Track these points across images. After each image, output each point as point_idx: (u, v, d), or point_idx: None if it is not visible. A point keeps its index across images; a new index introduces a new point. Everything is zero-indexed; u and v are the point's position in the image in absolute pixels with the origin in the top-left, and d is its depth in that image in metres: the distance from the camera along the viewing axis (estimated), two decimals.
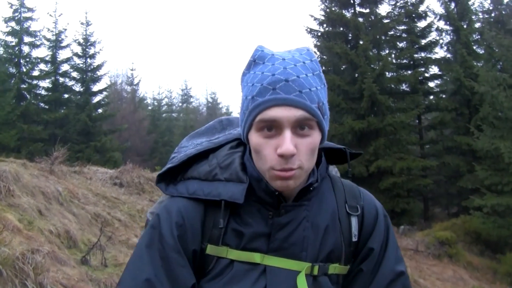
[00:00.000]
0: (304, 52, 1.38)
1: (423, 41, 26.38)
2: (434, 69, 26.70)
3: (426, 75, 26.60)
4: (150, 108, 52.24)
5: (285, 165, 1.28)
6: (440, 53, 26.88)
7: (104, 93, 34.15)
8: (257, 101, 1.28)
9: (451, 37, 26.02)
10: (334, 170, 1.72)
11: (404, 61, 26.62)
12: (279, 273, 1.34)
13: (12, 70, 30.17)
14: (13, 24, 29.99)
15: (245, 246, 1.36)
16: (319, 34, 26.24)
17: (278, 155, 1.27)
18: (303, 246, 1.38)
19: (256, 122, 1.30)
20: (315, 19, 25.90)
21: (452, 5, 26.03)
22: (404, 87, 25.88)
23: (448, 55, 26.34)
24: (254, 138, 1.32)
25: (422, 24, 26.57)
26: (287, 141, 1.25)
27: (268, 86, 1.27)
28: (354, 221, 1.48)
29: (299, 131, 1.29)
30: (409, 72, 25.67)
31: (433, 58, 26.30)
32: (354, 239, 1.47)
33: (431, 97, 27.04)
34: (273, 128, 1.28)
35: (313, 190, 1.43)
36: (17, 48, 30.01)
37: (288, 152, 1.25)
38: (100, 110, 32.91)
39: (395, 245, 1.51)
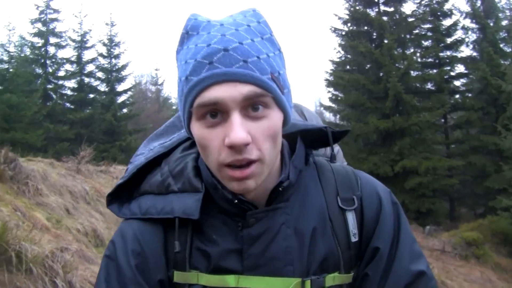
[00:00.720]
0: (249, 13, 1.10)
1: (449, 40, 26.07)
2: (460, 68, 26.43)
3: (452, 73, 26.30)
4: (174, 108, 52.44)
5: (238, 156, 1.01)
6: (466, 51, 26.56)
7: (129, 93, 34.41)
8: (192, 81, 1.01)
9: (477, 35, 25.65)
10: (335, 150, 1.36)
11: (430, 59, 26.37)
12: None
13: (39, 70, 30.66)
14: (39, 25, 30.43)
15: (215, 268, 1.13)
16: (344, 33, 26.14)
17: (227, 147, 1.01)
18: (286, 259, 1.13)
19: (195, 108, 1.03)
20: (340, 18, 25.83)
21: (478, 2, 25.69)
22: (429, 86, 25.69)
23: (474, 54, 25.97)
24: (196, 129, 1.06)
25: (447, 22, 26.32)
26: (236, 127, 0.98)
27: (203, 60, 1.00)
28: (350, 217, 1.20)
29: (252, 113, 1.01)
30: (435, 71, 25.43)
31: (459, 56, 26.04)
32: (354, 239, 1.19)
33: (457, 96, 26.78)
34: (217, 113, 1.01)
35: (287, 189, 1.16)
36: (43, 49, 30.46)
37: (239, 141, 0.98)
38: (125, 110, 33.14)
39: (410, 238, 1.21)
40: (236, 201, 1.11)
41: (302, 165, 1.24)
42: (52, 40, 30.69)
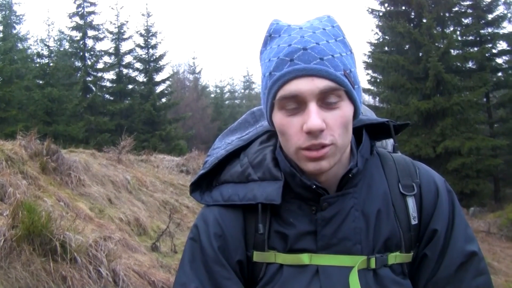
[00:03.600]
0: (324, 19, 1.24)
1: (490, 16, 25.47)
2: (502, 45, 25.81)
3: (494, 51, 25.76)
4: (213, 95, 52.72)
5: (314, 141, 1.14)
6: (508, 27, 25.94)
7: (167, 82, 34.73)
8: (275, 76, 1.16)
9: None
10: (389, 144, 1.57)
11: (470, 37, 25.85)
12: (332, 271, 1.23)
13: (78, 63, 31.39)
14: (77, 19, 30.95)
15: (292, 247, 1.26)
16: (381, 14, 25.84)
17: (305, 133, 1.14)
18: (355, 238, 1.25)
19: (277, 100, 1.18)
20: None
21: None
22: (470, 64, 25.21)
23: None
24: (278, 118, 1.21)
25: None
26: (313, 115, 1.12)
27: (285, 58, 1.15)
28: (410, 202, 1.32)
29: (327, 104, 1.15)
30: (476, 48, 24.96)
31: (501, 33, 25.37)
32: (414, 222, 1.31)
33: (500, 73, 26.17)
34: (296, 104, 1.16)
35: (355, 176, 1.28)
36: (81, 42, 31.00)
37: (315, 127, 1.12)
38: (163, 100, 33.52)
39: (464, 223, 1.33)
40: (314, 186, 1.23)
41: (368, 155, 1.36)
42: (90, 33, 31.21)
